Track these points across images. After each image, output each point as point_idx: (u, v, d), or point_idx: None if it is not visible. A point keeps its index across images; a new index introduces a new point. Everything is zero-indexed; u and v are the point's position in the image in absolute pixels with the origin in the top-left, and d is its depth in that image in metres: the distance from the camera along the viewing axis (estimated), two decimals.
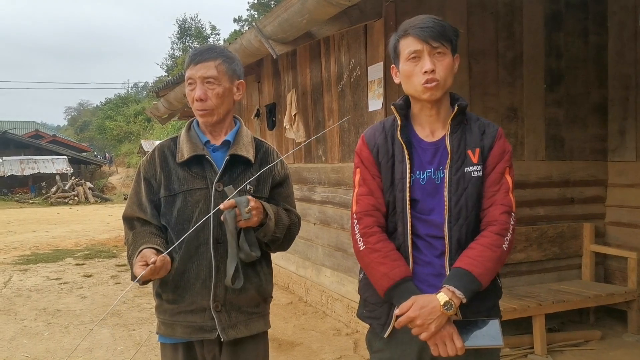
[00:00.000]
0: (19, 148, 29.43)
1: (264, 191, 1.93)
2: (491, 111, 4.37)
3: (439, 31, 1.64)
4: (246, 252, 1.79)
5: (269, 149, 2.02)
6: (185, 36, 45.91)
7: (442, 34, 1.64)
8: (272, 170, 1.95)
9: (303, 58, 5.48)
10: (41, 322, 5.21)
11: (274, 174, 1.96)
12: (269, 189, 1.95)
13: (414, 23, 1.68)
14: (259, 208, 1.79)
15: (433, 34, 1.63)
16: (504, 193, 1.69)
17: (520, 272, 4.51)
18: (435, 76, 1.64)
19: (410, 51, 1.66)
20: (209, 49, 1.89)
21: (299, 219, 2.04)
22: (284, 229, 1.91)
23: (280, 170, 1.99)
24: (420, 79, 1.65)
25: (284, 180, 2.00)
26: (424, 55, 1.64)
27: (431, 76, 1.64)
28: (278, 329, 4.73)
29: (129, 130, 39.54)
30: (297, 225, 2.02)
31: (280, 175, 1.98)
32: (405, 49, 1.68)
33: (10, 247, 10.33)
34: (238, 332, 1.87)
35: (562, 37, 4.64)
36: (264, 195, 1.92)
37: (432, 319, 1.57)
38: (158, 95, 8.96)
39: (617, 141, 4.77)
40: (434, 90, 1.65)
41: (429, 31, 1.64)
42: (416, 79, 1.66)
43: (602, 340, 4.21)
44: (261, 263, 1.94)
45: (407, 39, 1.67)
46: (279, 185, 1.99)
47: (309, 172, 5.49)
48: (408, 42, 1.67)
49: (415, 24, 1.67)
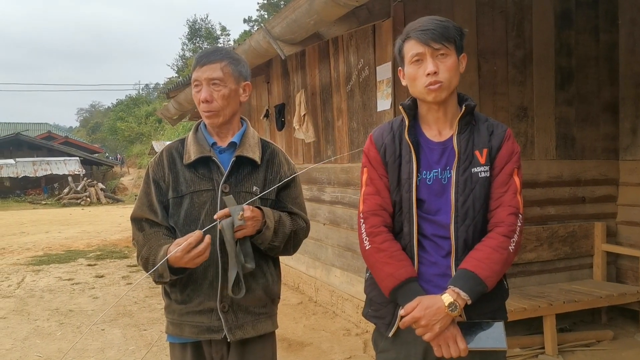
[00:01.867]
0: (31, 150, 29.71)
1: (271, 193, 1.93)
2: (501, 110, 4.35)
3: (441, 32, 1.64)
4: (241, 263, 1.77)
5: (275, 150, 2.02)
6: (196, 37, 46.13)
7: (444, 35, 1.64)
8: (278, 172, 1.95)
9: (312, 58, 5.49)
10: (54, 322, 5.26)
11: (280, 175, 1.96)
12: (275, 191, 1.94)
13: (415, 26, 1.68)
14: (255, 217, 1.78)
15: (434, 35, 1.63)
16: (512, 194, 1.68)
17: (531, 272, 4.49)
18: (439, 78, 1.64)
19: (413, 54, 1.67)
20: (215, 50, 1.90)
21: (306, 223, 2.02)
22: (285, 237, 1.88)
23: (286, 171, 1.98)
24: (424, 81, 1.65)
25: (290, 181, 1.99)
26: (427, 58, 1.65)
27: (434, 78, 1.64)
28: (288, 329, 4.74)
29: (140, 131, 39.77)
30: (304, 230, 2.00)
31: (287, 176, 1.97)
32: (409, 52, 1.68)
33: (24, 248, 10.44)
34: (245, 332, 1.88)
35: (572, 35, 4.61)
36: (270, 197, 1.92)
37: (436, 319, 1.57)
38: (168, 97, 9.01)
39: (629, 139, 4.73)
40: (438, 92, 1.66)
41: (430, 33, 1.64)
42: (420, 82, 1.67)
43: (614, 340, 4.17)
44: (268, 263, 1.94)
45: (409, 42, 1.68)
46: (285, 187, 1.98)
47: (319, 172, 5.49)
48: (410, 45, 1.68)
49: (417, 27, 1.67)
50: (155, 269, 1.75)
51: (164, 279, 1.79)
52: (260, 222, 1.80)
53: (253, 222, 1.77)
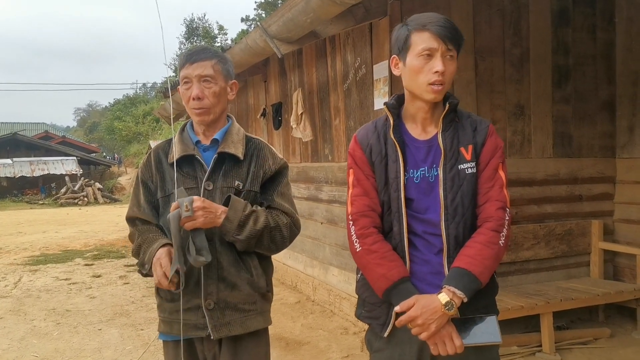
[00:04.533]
0: (29, 149, 29.66)
1: (253, 185, 1.92)
2: (498, 109, 4.35)
3: (454, 35, 1.63)
4: (193, 256, 1.73)
5: (259, 144, 2.01)
6: (193, 36, 46.00)
7: (456, 37, 1.64)
8: (262, 166, 1.95)
9: (309, 57, 5.48)
10: (50, 322, 5.24)
11: (265, 169, 1.95)
12: (259, 184, 1.94)
13: (432, 19, 1.64)
14: (206, 208, 1.75)
15: (450, 35, 1.62)
16: (499, 189, 1.69)
17: (528, 270, 4.49)
18: (444, 79, 1.63)
19: (424, 47, 1.62)
20: (204, 49, 1.92)
21: (292, 219, 1.95)
22: (254, 232, 1.81)
23: (271, 164, 1.97)
24: (429, 77, 1.63)
25: (275, 175, 1.97)
26: (437, 55, 1.62)
27: (441, 78, 1.62)
28: (286, 328, 4.74)
29: (137, 130, 39.64)
30: (287, 226, 1.92)
31: (271, 170, 1.96)
32: (420, 44, 1.63)
33: (21, 248, 10.42)
34: (231, 330, 1.87)
35: (569, 33, 4.61)
36: (253, 189, 1.92)
37: (433, 319, 1.57)
38: (165, 96, 9.00)
39: (626, 138, 4.73)
40: (439, 93, 1.65)
41: (449, 32, 1.62)
42: (424, 77, 1.64)
43: (612, 338, 4.18)
44: (252, 257, 1.92)
45: (423, 33, 1.63)
46: (269, 180, 1.96)
47: (316, 171, 5.49)
48: (424, 37, 1.63)
49: (434, 21, 1.63)
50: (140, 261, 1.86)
51: (143, 271, 1.89)
52: (214, 214, 1.77)
53: (204, 212, 1.74)
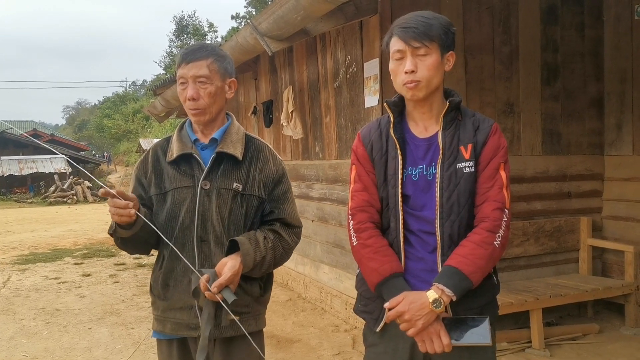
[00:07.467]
0: (17, 147, 29.38)
1: (253, 189, 1.89)
2: (488, 106, 4.37)
3: (423, 31, 1.62)
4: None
5: (260, 145, 1.97)
6: (183, 34, 45.78)
7: (426, 33, 1.62)
8: (262, 169, 1.91)
9: (300, 55, 5.47)
10: (40, 321, 5.21)
11: (265, 172, 1.91)
12: (259, 188, 1.90)
13: (399, 22, 1.69)
14: (236, 281, 1.75)
15: (415, 34, 1.62)
16: (498, 189, 1.68)
17: (518, 267, 4.52)
18: (416, 77, 1.63)
19: (394, 50, 1.67)
20: (200, 47, 1.87)
21: (298, 229, 1.96)
22: (262, 270, 1.85)
23: (272, 167, 1.93)
24: (402, 78, 1.66)
25: (278, 181, 1.94)
26: (407, 56, 1.65)
27: (411, 77, 1.64)
28: (277, 325, 4.74)
29: (127, 128, 39.44)
30: (291, 249, 1.93)
31: (274, 174, 1.93)
32: (392, 49, 1.69)
33: (9, 247, 10.33)
34: (222, 332, 1.85)
35: (558, 31, 4.64)
36: (253, 193, 1.88)
37: (420, 315, 1.58)
38: (155, 94, 8.95)
39: (614, 135, 4.77)
40: (415, 91, 1.66)
41: (411, 32, 1.63)
42: (399, 78, 1.68)
43: (600, 333, 4.22)
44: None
45: (393, 38, 1.69)
46: (275, 186, 1.93)
47: (307, 169, 5.49)
48: (394, 42, 1.68)
49: (400, 24, 1.68)
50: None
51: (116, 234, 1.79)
52: (234, 273, 1.74)
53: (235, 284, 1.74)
